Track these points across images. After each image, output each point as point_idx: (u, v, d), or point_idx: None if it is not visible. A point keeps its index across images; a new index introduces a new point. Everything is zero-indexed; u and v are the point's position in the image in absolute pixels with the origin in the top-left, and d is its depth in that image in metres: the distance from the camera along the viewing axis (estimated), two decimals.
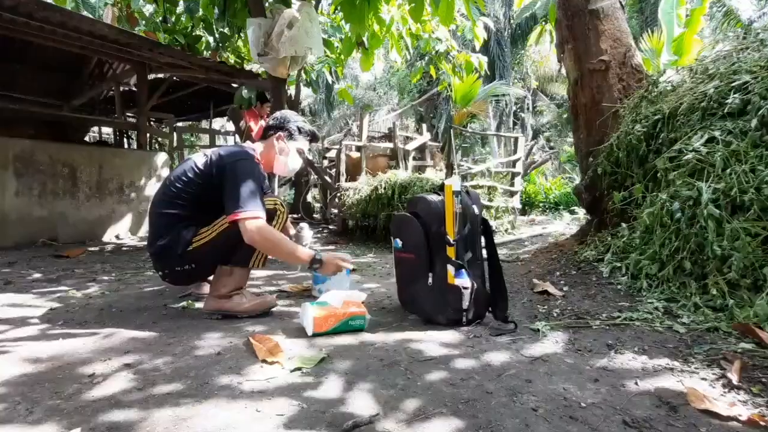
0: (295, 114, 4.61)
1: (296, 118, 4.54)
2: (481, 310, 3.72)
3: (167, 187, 4.01)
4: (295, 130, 4.47)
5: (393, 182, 9.69)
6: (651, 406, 2.34)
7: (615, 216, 5.26)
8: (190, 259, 3.94)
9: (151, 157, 10.75)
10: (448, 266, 3.60)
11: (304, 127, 4.54)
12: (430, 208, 3.73)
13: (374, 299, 4.62)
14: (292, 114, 4.58)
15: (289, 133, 4.45)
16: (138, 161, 10.51)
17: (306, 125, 4.56)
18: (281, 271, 6.23)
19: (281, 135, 4.42)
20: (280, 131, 4.43)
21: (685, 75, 5.38)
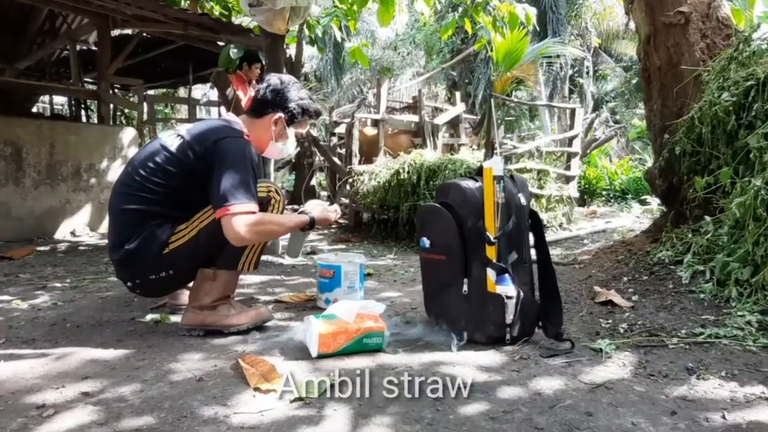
0: (296, 84, 4.56)
1: (298, 93, 4.48)
2: (528, 326, 3.72)
3: (130, 175, 3.98)
4: (297, 111, 4.43)
5: (419, 165, 9.72)
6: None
7: (697, 207, 5.24)
8: (167, 264, 3.93)
9: (115, 134, 10.79)
10: (487, 270, 3.60)
11: (308, 107, 4.50)
12: (465, 197, 3.73)
13: (395, 311, 4.64)
14: (293, 85, 4.50)
15: (291, 115, 4.42)
16: (99, 139, 10.54)
17: (311, 104, 4.54)
18: (278, 276, 6.25)
19: (280, 117, 4.38)
20: (278, 111, 4.37)
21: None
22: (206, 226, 3.87)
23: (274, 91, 4.38)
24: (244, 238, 3.76)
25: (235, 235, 3.73)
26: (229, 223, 3.71)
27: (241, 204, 3.73)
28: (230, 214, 3.70)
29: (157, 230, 3.87)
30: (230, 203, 3.71)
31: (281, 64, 8.67)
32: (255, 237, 3.84)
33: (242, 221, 3.72)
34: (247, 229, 3.74)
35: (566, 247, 8.61)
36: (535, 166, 11.30)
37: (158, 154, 3.93)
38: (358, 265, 4.87)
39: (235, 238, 3.75)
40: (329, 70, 34.79)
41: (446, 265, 3.82)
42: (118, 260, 3.96)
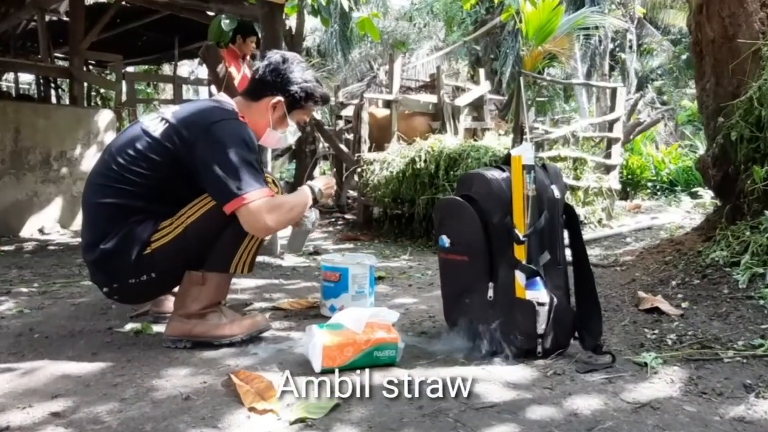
0: (301, 64, 4.47)
1: (303, 74, 4.37)
2: (563, 336, 3.72)
3: (107, 164, 3.94)
4: (300, 95, 4.34)
5: (437, 152, 9.72)
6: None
7: (756, 201, 5.22)
8: (149, 266, 3.90)
9: (89, 117, 10.80)
10: (516, 273, 3.60)
11: (314, 90, 4.41)
12: (490, 189, 3.72)
13: (410, 320, 4.66)
14: (297, 65, 4.40)
15: (293, 100, 4.34)
16: (71, 122, 10.54)
17: (317, 87, 4.45)
18: (277, 279, 6.28)
19: (280, 101, 4.30)
20: (278, 95, 4.30)
21: None
22: (194, 222, 3.86)
23: (274, 70, 4.29)
24: (270, 227, 3.86)
25: (260, 225, 3.78)
26: (250, 214, 3.72)
27: (255, 191, 3.73)
28: (247, 204, 3.69)
29: (137, 227, 3.84)
30: (244, 191, 3.71)
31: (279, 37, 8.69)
32: (281, 223, 3.93)
33: (264, 208, 3.75)
34: (272, 216, 3.79)
35: (606, 246, 8.62)
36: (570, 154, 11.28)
37: (139, 141, 3.88)
38: (368, 267, 4.86)
39: (260, 229, 3.83)
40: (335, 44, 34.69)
41: (469, 267, 3.83)
42: (93, 261, 3.94)
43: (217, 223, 3.86)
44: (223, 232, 3.92)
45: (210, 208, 3.85)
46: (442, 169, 9.44)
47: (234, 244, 3.96)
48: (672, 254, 5.73)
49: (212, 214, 3.84)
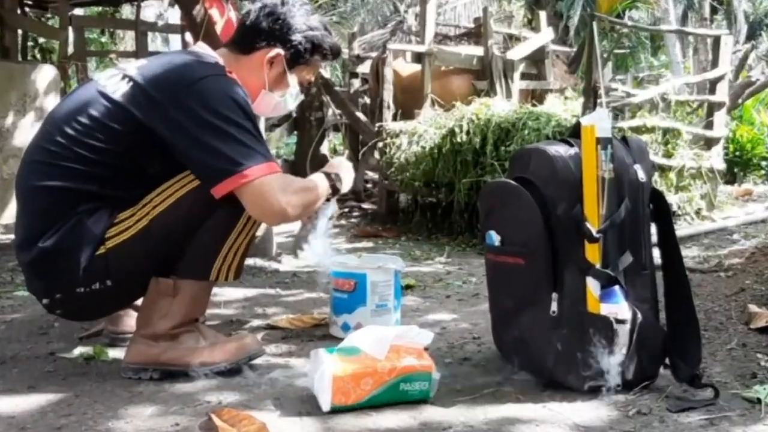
0: (305, 6, 4.34)
1: (306, 19, 4.25)
2: (650, 363, 3.70)
3: (50, 135, 3.82)
4: (305, 47, 4.23)
5: (484, 121, 9.70)
6: None
7: None
8: (103, 271, 3.76)
9: (25, 75, 10.83)
10: (587, 280, 3.58)
11: (322, 40, 4.30)
12: (553, 170, 3.69)
13: (448, 342, 4.65)
14: (299, 7, 4.26)
15: (295, 53, 4.22)
16: (2, 82, 10.55)
17: (326, 36, 4.35)
18: (272, 289, 6.27)
19: (279, 55, 4.18)
20: (276, 46, 4.17)
21: None
22: (163, 212, 3.74)
23: (271, 14, 4.14)
24: (287, 211, 3.70)
25: (274, 207, 3.67)
26: (257, 194, 3.63)
27: (259, 164, 3.60)
28: (251, 181, 3.58)
29: (87, 219, 3.70)
30: (245, 166, 3.57)
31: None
32: (300, 207, 3.81)
33: (276, 185, 3.66)
34: (288, 197, 3.69)
35: (707, 245, 8.60)
36: (659, 124, 11.22)
37: (94, 105, 3.73)
38: (392, 272, 4.83)
39: (275, 213, 3.74)
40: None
41: (525, 273, 3.79)
42: (29, 264, 3.83)
43: (194, 215, 3.76)
44: (202, 227, 3.79)
45: (184, 194, 3.73)
46: (490, 144, 9.42)
47: (216, 243, 3.85)
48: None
49: (187, 201, 3.73)
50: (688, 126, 11.64)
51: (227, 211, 3.78)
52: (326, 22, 4.53)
